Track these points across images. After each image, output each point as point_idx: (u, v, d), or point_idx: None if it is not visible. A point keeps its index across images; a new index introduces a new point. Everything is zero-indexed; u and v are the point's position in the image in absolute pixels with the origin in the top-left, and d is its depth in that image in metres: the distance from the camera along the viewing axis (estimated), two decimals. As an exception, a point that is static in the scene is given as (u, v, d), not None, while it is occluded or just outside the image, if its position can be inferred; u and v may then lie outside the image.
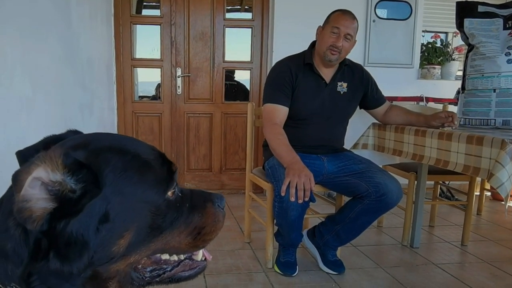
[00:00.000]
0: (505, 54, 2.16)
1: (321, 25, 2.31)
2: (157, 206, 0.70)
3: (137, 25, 4.05)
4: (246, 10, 4.29)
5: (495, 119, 2.24)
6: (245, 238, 2.81)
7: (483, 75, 2.24)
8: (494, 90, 2.21)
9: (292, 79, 2.28)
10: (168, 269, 0.79)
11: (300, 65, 2.32)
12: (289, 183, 1.98)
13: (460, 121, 2.38)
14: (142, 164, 0.70)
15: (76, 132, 0.85)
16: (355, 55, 3.83)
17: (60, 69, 2.40)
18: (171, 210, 0.73)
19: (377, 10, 3.97)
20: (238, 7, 4.48)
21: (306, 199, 1.98)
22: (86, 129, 2.65)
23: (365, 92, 2.43)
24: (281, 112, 2.26)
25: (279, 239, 2.34)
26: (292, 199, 1.97)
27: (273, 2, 3.86)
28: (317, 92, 2.31)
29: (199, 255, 0.84)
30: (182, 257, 0.82)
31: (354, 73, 2.40)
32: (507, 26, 2.23)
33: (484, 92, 2.25)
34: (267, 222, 2.37)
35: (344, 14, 2.24)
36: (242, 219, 2.94)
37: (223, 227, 0.84)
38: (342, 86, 2.35)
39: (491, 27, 2.26)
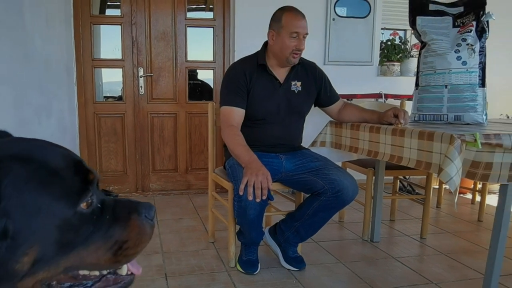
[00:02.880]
0: (455, 51, 2.22)
1: (273, 29, 2.26)
2: (66, 220, 0.65)
3: (101, 26, 3.99)
4: (210, 10, 4.27)
5: (447, 115, 2.30)
6: (209, 238, 2.80)
7: (435, 72, 2.30)
8: (446, 86, 2.27)
9: (246, 81, 2.28)
10: (89, 285, 0.73)
11: (254, 66, 2.32)
12: (247, 182, 1.99)
13: (414, 117, 2.43)
14: (48, 174, 0.65)
15: (5, 134, 0.78)
16: (315, 54, 3.90)
17: (12, 71, 2.33)
18: (85, 224, 0.67)
19: (336, 8, 4.01)
20: (203, 6, 4.46)
21: (264, 197, 2.00)
22: (44, 132, 2.59)
23: (319, 90, 2.45)
24: (237, 114, 2.27)
25: (240, 238, 2.35)
26: (250, 198, 1.98)
27: (234, 2, 3.86)
28: (272, 92, 2.33)
29: (124, 269, 0.78)
30: (104, 271, 0.75)
31: (308, 72, 2.42)
32: (456, 24, 2.29)
33: (437, 88, 2.30)
34: (229, 222, 2.37)
35: (296, 15, 2.22)
36: (208, 219, 2.93)
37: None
38: (296, 85, 2.37)
39: (442, 24, 2.32)
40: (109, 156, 3.99)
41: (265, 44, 2.38)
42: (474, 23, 2.23)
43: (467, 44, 2.20)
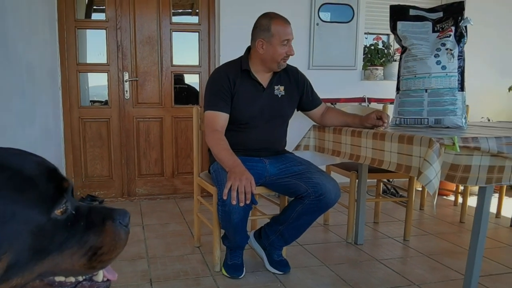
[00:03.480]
0: (434, 56, 2.26)
1: (262, 38, 2.26)
2: (40, 226, 0.66)
3: (87, 30, 3.99)
4: (196, 14, 4.29)
5: (428, 118, 2.33)
6: (195, 243, 2.80)
7: (415, 76, 2.34)
8: (426, 90, 2.31)
9: (230, 85, 2.30)
10: None
11: (238, 71, 2.34)
12: (231, 186, 2.00)
13: (396, 120, 2.47)
14: (23, 181, 0.66)
15: None
16: (299, 59, 3.93)
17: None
18: (59, 230, 0.69)
19: (320, 13, 4.04)
20: (189, 10, 4.47)
21: (248, 202, 2.00)
22: (27, 137, 2.56)
23: (301, 94, 2.48)
24: (221, 118, 2.29)
25: (225, 242, 2.36)
26: (234, 202, 1.99)
27: (219, 6, 3.89)
28: (256, 96, 2.35)
29: (100, 275, 0.80)
30: (80, 278, 0.77)
31: (290, 76, 2.45)
32: (436, 29, 2.34)
33: (417, 92, 2.34)
34: (213, 226, 2.37)
35: (284, 22, 2.26)
36: (194, 224, 2.94)
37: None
38: (279, 90, 2.39)
39: (421, 29, 2.36)
40: (94, 161, 3.97)
41: (248, 49, 2.40)
42: (453, 28, 2.27)
43: (446, 49, 2.25)
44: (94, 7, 4.19)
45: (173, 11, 3.97)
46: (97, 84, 4.22)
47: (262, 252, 2.44)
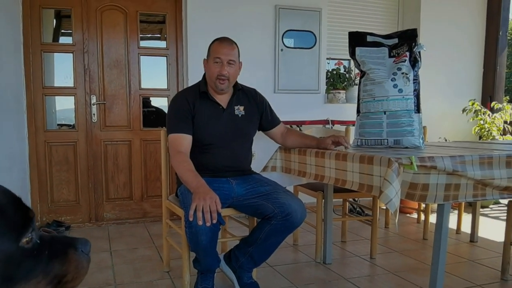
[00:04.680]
0: (391, 80, 2.38)
1: (205, 58, 2.42)
2: (9, 255, 0.67)
3: (54, 53, 3.99)
4: (165, 39, 4.34)
5: (387, 139, 2.42)
6: (164, 267, 2.77)
7: (374, 99, 2.44)
8: (385, 112, 2.41)
9: (190, 108, 2.36)
10: None
11: (196, 94, 2.42)
12: (196, 207, 2.01)
13: (357, 142, 2.55)
14: None
15: None
16: (265, 83, 4.03)
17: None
18: (26, 259, 0.70)
19: (284, 39, 4.19)
20: (158, 35, 4.52)
21: (214, 221, 2.00)
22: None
23: (261, 114, 2.56)
24: (185, 140, 2.33)
25: (196, 266, 2.34)
26: (200, 222, 1.99)
27: (186, 32, 3.96)
28: (216, 117, 2.41)
29: None
30: None
31: (249, 96, 2.54)
32: (392, 54, 2.46)
33: (376, 115, 2.44)
34: (183, 249, 2.36)
35: (221, 42, 2.37)
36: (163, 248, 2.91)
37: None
38: (239, 109, 2.47)
39: (378, 55, 2.48)
40: (61, 185, 3.91)
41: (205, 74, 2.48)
42: (407, 53, 2.39)
43: (402, 73, 2.36)
44: (62, 30, 4.19)
45: (141, 35, 4.02)
46: (64, 107, 4.19)
47: (233, 275, 2.42)
